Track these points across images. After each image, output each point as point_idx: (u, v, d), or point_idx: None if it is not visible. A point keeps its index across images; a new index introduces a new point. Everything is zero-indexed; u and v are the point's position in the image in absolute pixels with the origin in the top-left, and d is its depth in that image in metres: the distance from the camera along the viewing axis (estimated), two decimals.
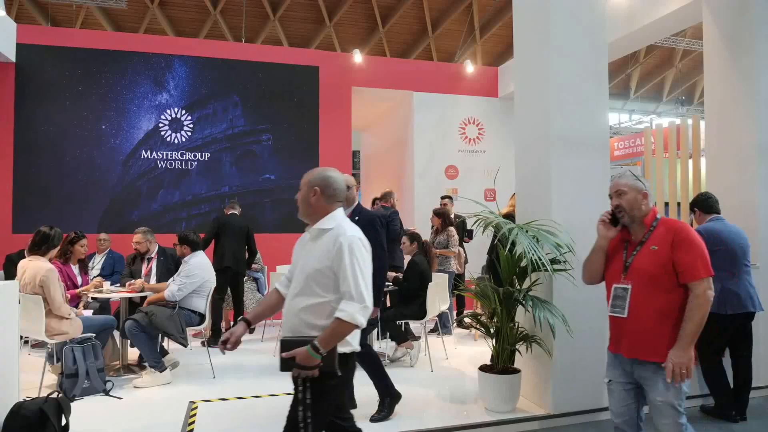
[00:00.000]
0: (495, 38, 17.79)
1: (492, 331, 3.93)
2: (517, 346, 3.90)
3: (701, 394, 4.14)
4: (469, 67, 8.54)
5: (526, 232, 3.72)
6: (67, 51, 7.05)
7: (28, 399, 3.29)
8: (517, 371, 3.87)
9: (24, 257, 6.18)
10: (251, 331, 6.34)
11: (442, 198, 7.18)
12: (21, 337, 4.21)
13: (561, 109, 3.98)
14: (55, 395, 3.34)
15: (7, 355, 3.35)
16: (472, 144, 8.56)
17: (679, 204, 6.33)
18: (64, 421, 3.30)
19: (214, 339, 5.57)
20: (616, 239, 2.58)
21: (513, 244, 3.64)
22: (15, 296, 3.51)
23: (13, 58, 6.76)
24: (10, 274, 5.91)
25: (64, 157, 6.91)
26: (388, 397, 3.78)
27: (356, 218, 3.56)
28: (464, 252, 6.83)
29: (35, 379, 4.18)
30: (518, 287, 3.87)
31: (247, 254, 6.29)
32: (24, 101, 6.85)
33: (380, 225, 3.70)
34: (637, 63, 20.06)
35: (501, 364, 3.85)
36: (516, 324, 3.88)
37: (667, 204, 7.02)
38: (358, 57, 8.04)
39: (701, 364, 3.98)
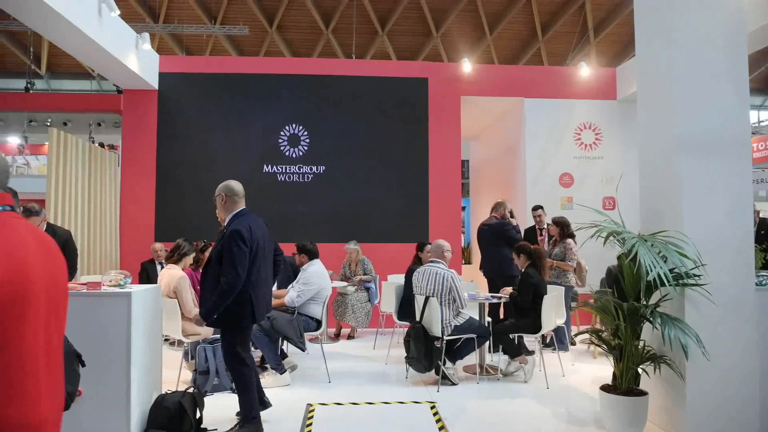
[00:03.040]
0: (611, 37, 16.83)
1: (614, 349, 3.68)
2: (643, 367, 3.62)
3: None
4: (584, 70, 8.14)
5: (651, 245, 3.45)
6: (199, 77, 7.78)
7: (169, 392, 3.64)
8: (643, 393, 3.58)
9: (154, 264, 6.90)
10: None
11: (534, 209, 6.85)
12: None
13: (692, 108, 3.66)
14: (191, 390, 3.66)
15: (154, 351, 3.73)
16: (589, 150, 8.13)
17: None
18: (198, 415, 3.60)
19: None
20: None
21: (635, 257, 3.40)
22: (159, 299, 3.91)
23: (156, 85, 7.59)
24: (143, 280, 6.60)
25: (199, 173, 7.58)
26: (246, 423, 3.48)
27: (224, 231, 3.44)
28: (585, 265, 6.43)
29: (173, 375, 4.61)
30: (644, 302, 3.60)
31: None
32: (165, 123, 7.65)
33: (240, 241, 3.32)
34: None
35: (625, 385, 3.59)
36: (642, 342, 3.61)
37: None
38: (467, 66, 8.00)
39: None
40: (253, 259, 3.42)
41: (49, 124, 14.39)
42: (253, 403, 3.54)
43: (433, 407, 4.20)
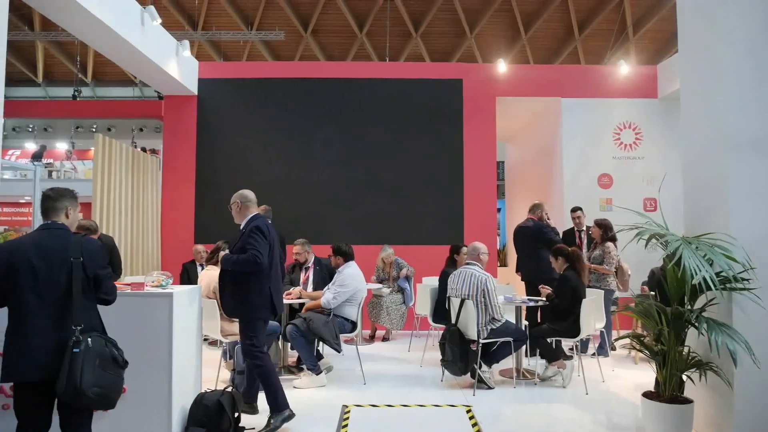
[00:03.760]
0: (651, 34, 16.38)
1: (657, 354, 3.56)
2: (688, 373, 3.49)
3: None
4: (624, 68, 7.94)
5: (696, 248, 3.33)
6: (237, 82, 7.95)
7: (208, 391, 3.72)
8: (689, 401, 3.46)
9: (195, 265, 7.05)
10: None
11: (573, 210, 6.67)
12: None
13: (740, 105, 3.52)
14: (229, 389, 3.73)
15: (193, 350, 3.82)
16: (628, 150, 7.92)
17: None
18: (236, 414, 3.66)
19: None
20: None
21: (678, 259, 3.29)
22: (199, 299, 4.00)
23: (195, 91, 7.79)
24: (184, 280, 6.76)
25: (237, 175, 7.71)
26: (276, 413, 3.70)
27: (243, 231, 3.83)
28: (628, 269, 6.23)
29: (213, 374, 4.71)
30: (689, 307, 3.48)
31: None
32: (204, 128, 7.84)
33: (261, 234, 3.70)
34: None
35: (669, 392, 3.47)
36: (686, 348, 3.49)
37: None
38: (502, 67, 7.91)
39: None
40: (270, 257, 3.71)
41: (94, 130, 14.93)
42: (278, 391, 3.70)
43: (468, 411, 4.16)
